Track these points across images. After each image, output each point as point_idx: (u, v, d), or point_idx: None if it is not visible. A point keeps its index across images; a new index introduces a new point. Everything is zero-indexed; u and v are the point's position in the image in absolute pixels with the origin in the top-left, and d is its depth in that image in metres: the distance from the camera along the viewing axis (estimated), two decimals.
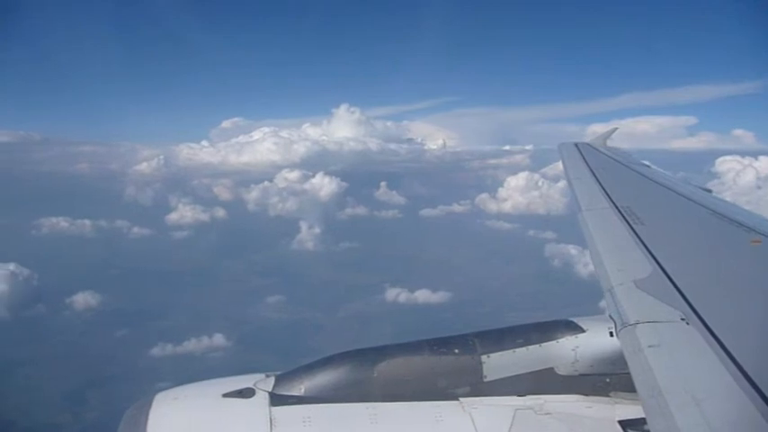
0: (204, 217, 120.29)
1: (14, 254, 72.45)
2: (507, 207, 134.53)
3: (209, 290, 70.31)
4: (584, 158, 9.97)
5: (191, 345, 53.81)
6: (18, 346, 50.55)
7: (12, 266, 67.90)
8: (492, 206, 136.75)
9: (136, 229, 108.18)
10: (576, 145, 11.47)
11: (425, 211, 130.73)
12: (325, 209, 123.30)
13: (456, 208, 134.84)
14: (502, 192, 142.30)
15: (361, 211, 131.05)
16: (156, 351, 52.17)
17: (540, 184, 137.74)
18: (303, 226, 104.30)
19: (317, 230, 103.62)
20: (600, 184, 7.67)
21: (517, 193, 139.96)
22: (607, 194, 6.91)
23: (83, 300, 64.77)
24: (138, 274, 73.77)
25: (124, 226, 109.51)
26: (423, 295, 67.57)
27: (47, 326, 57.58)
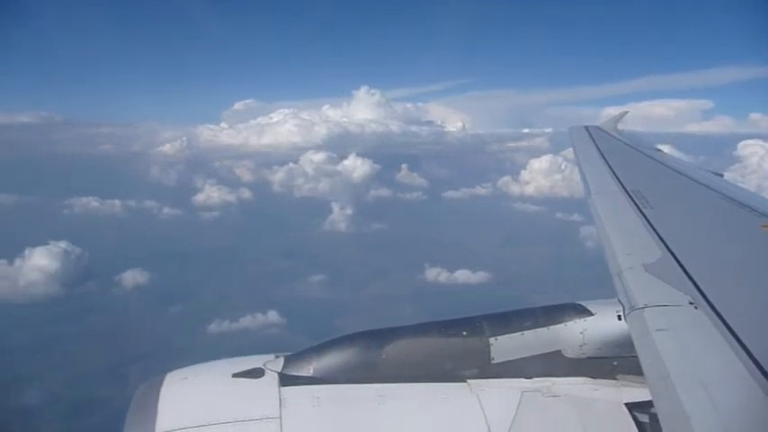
0: (231, 198, 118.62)
1: (56, 232, 72.75)
2: (530, 190, 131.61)
3: (252, 269, 69.53)
4: (594, 142, 9.68)
5: (246, 321, 53.27)
6: (73, 321, 51.12)
7: (63, 244, 68.77)
8: (515, 189, 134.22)
9: (166, 210, 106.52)
10: (587, 128, 11.16)
11: (449, 194, 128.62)
12: (353, 191, 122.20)
13: (479, 190, 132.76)
14: (524, 174, 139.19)
15: (384, 192, 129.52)
16: (212, 327, 51.54)
17: (562, 167, 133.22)
18: (335, 207, 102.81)
19: (349, 212, 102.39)
20: (610, 167, 7.42)
21: (540, 175, 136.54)
22: (617, 178, 6.67)
23: (131, 277, 64.64)
24: (176, 254, 73.25)
25: (153, 206, 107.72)
26: (462, 275, 66.07)
27: (99, 302, 57.85)
